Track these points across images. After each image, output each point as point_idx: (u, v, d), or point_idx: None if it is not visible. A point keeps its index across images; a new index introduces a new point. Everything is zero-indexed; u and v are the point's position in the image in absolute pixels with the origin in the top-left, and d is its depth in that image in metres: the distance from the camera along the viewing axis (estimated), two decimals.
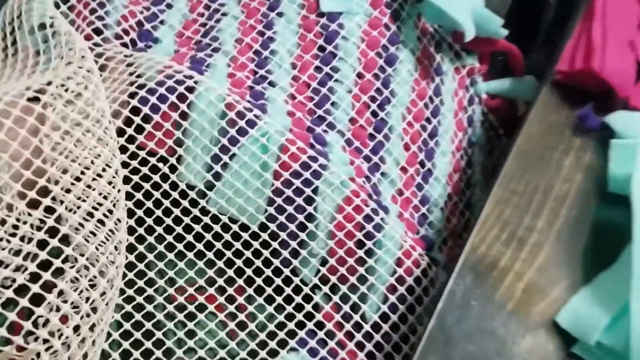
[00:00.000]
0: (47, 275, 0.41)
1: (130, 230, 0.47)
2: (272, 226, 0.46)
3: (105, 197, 0.45)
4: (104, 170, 0.45)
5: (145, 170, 0.47)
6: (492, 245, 0.41)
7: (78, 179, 0.44)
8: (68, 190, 0.44)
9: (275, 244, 0.47)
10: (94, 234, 0.44)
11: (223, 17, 0.53)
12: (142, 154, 0.47)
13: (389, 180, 0.51)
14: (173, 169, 0.47)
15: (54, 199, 0.43)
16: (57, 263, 0.42)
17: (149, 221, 0.47)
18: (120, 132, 0.46)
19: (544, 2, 0.70)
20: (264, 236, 0.47)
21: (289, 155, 0.46)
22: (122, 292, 0.47)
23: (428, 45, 0.55)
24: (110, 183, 0.45)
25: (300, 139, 0.47)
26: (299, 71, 0.51)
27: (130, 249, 0.47)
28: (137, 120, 0.46)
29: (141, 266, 0.47)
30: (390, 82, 0.52)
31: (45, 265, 0.42)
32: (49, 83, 0.44)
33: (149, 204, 0.47)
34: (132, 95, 0.46)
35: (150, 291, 0.47)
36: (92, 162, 0.45)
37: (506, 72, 0.61)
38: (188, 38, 0.53)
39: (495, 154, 0.61)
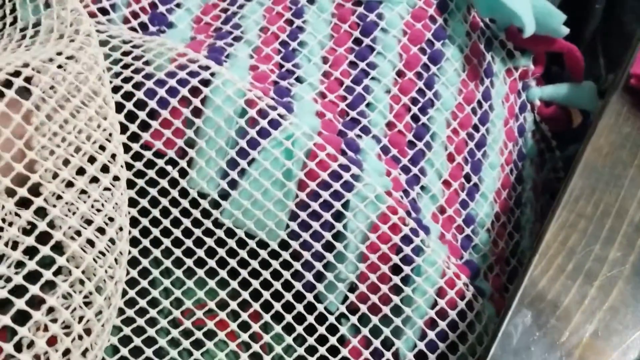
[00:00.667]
0: (34, 289, 0.36)
1: (134, 242, 0.41)
2: (295, 244, 0.40)
3: (106, 201, 0.39)
4: (105, 170, 0.40)
5: (151, 173, 0.41)
6: (555, 278, 0.35)
7: (74, 180, 0.38)
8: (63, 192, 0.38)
9: (297, 265, 0.40)
10: (92, 243, 0.39)
11: (247, 3, 0.47)
12: (148, 154, 0.41)
13: (430, 195, 0.44)
14: (183, 173, 0.41)
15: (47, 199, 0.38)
16: (47, 275, 0.36)
17: (155, 232, 0.42)
18: (122, 129, 0.41)
19: (590, 8, 0.65)
20: (285, 255, 0.40)
21: (317, 163, 0.40)
22: (120, 312, 0.41)
23: (478, 42, 0.49)
24: (113, 186, 0.40)
25: (331, 143, 0.41)
26: (330, 66, 0.45)
27: (133, 262, 0.42)
28: (142, 115, 0.40)
29: (144, 283, 0.42)
30: (434, 83, 0.46)
31: (33, 276, 0.36)
32: (50, 60, 0.38)
33: (156, 212, 0.41)
34: (138, 86, 0.40)
35: (153, 312, 0.41)
36: (92, 159, 0.39)
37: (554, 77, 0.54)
38: (207, 24, 0.47)
39: (547, 169, 0.54)
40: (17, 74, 0.34)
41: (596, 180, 0.38)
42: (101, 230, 0.39)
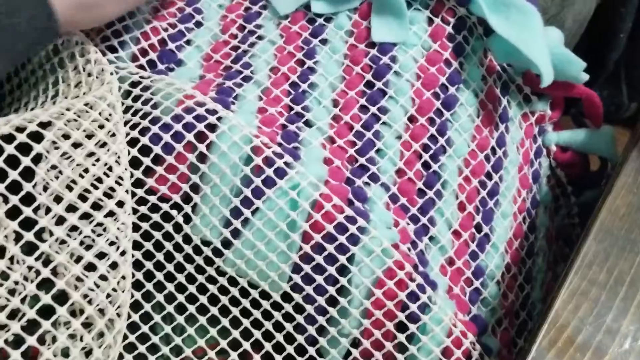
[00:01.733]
0: (32, 340, 0.35)
1: (137, 285, 0.41)
2: (297, 297, 0.39)
3: (111, 244, 0.39)
4: (113, 217, 0.39)
5: (156, 217, 0.40)
6: (563, 351, 0.34)
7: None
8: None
9: (300, 318, 0.39)
10: (93, 291, 0.38)
11: (258, 41, 0.46)
12: (153, 199, 0.40)
13: (439, 246, 0.43)
14: (188, 218, 0.40)
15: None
16: (46, 325, 0.36)
17: (159, 276, 0.41)
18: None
19: (613, 37, 0.64)
20: (287, 308, 0.39)
21: (323, 214, 0.39)
22: (120, 357, 0.40)
23: (494, 86, 0.47)
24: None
25: (337, 193, 0.40)
26: (341, 110, 0.44)
27: (135, 306, 0.41)
28: (147, 161, 0.39)
29: (145, 328, 0.41)
30: (447, 129, 0.45)
31: (31, 325, 0.36)
32: (68, 109, 0.38)
33: (160, 256, 0.40)
34: (143, 131, 0.40)
35: (152, 359, 0.41)
36: (98, 205, 0.38)
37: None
38: (217, 62, 0.46)
39: (561, 214, 0.53)
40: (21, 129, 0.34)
41: (611, 245, 0.37)
42: (104, 278, 0.38)
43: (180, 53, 0.45)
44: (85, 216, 0.38)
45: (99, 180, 0.38)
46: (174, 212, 0.40)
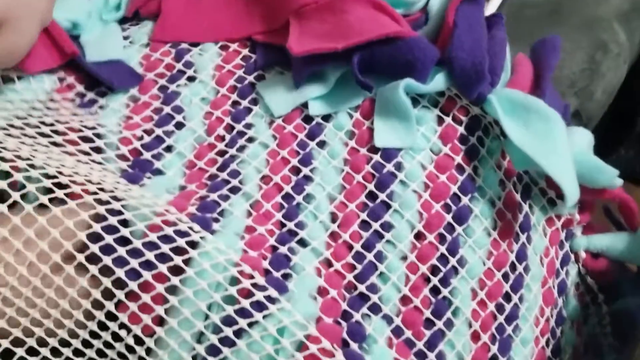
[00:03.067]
0: None
1: None
2: None
3: None
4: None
5: (119, 347, 0.36)
6: None
7: None
8: None
9: None
10: None
11: (248, 144, 0.42)
12: (113, 326, 0.35)
13: None
14: (150, 350, 0.35)
15: None
16: None
17: None
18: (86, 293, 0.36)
19: None
20: None
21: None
22: None
23: (513, 191, 0.42)
24: None
25: (328, 335, 0.35)
26: (339, 226, 0.39)
27: None
28: (107, 282, 0.35)
29: None
30: (459, 246, 0.39)
31: None
32: None
33: None
34: (108, 250, 0.35)
35: None
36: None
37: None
38: (200, 170, 0.41)
39: (591, 324, 0.47)
40: None
41: None
42: None
43: (158, 162, 0.41)
44: None
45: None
46: (137, 348, 0.35)
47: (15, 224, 0.35)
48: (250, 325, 0.34)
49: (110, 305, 0.35)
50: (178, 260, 0.34)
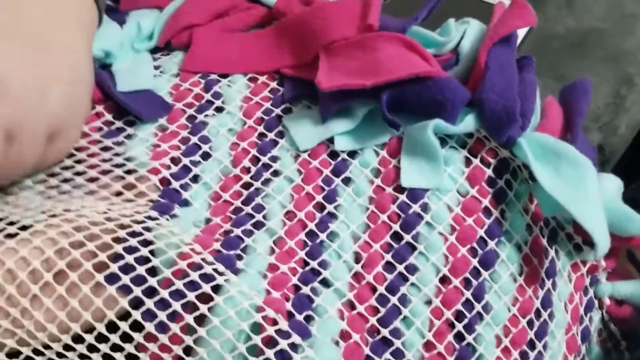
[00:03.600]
0: None
1: None
2: None
3: None
4: None
5: None
6: None
7: None
8: None
9: None
10: None
11: (273, 178, 0.41)
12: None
13: None
14: None
15: None
16: None
17: None
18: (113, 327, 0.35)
19: None
20: None
21: None
22: None
23: (540, 236, 0.41)
24: None
25: None
26: (363, 267, 0.39)
27: None
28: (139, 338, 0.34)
29: None
30: (484, 292, 0.39)
31: None
32: None
33: None
34: (130, 289, 0.35)
35: None
36: None
37: None
38: (225, 202, 0.41)
39: None
40: None
41: None
42: None
43: (185, 192, 0.40)
44: None
45: None
46: None
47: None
48: None
49: (130, 348, 0.35)
50: (204, 308, 0.34)
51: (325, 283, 0.38)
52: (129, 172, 0.40)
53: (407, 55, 0.41)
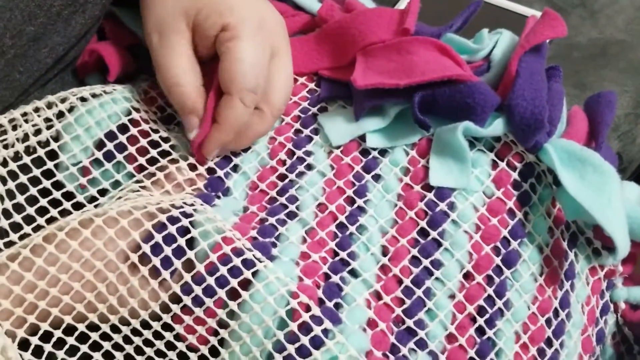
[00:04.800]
0: None
1: None
2: None
3: None
4: None
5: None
6: None
7: None
8: None
9: None
10: None
11: (307, 171, 0.43)
12: (181, 346, 0.37)
13: None
14: None
15: None
16: None
17: None
18: (154, 315, 0.38)
19: None
20: None
21: None
22: None
23: (561, 239, 0.43)
24: None
25: None
26: (390, 259, 0.40)
27: None
28: (176, 309, 0.37)
29: None
30: (506, 289, 0.40)
31: None
32: None
33: None
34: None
35: None
36: None
37: None
38: (262, 192, 0.43)
39: None
40: None
41: None
42: None
43: (228, 180, 0.42)
44: None
45: None
46: None
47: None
48: (305, 358, 0.35)
49: (179, 329, 0.37)
50: (245, 295, 0.36)
51: (354, 273, 0.40)
52: (172, 160, 0.42)
53: (441, 59, 0.43)
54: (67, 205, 0.40)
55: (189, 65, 0.42)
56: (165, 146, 0.43)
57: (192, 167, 0.42)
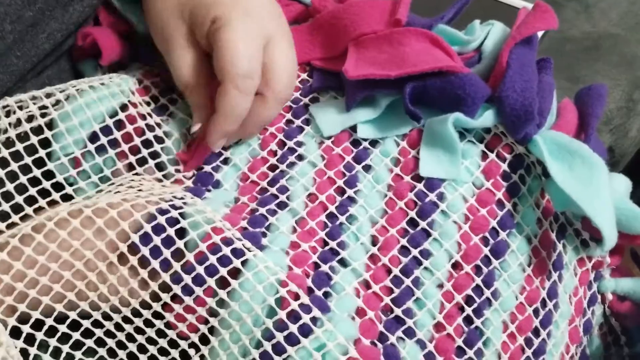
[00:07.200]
0: None
1: None
2: None
3: None
4: None
5: (174, 353, 0.38)
6: None
7: None
8: None
9: None
10: None
11: (298, 162, 0.43)
12: (172, 334, 0.38)
13: None
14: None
15: None
16: None
17: None
18: (144, 303, 0.38)
19: None
20: None
21: None
22: None
23: (549, 230, 0.43)
24: None
25: (368, 357, 0.36)
26: (379, 249, 0.41)
27: None
28: (166, 298, 0.37)
29: None
30: (494, 279, 0.41)
31: None
32: None
33: None
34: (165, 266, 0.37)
35: None
36: None
37: None
38: (253, 183, 0.43)
39: None
40: None
41: None
42: None
43: (217, 173, 0.43)
44: None
45: None
46: (191, 351, 0.37)
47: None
48: (293, 345, 0.35)
49: (169, 317, 0.38)
50: (235, 284, 0.36)
51: (343, 263, 0.40)
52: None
53: (432, 50, 0.43)
54: (55, 196, 0.40)
55: (192, 61, 0.42)
56: (157, 147, 0.43)
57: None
